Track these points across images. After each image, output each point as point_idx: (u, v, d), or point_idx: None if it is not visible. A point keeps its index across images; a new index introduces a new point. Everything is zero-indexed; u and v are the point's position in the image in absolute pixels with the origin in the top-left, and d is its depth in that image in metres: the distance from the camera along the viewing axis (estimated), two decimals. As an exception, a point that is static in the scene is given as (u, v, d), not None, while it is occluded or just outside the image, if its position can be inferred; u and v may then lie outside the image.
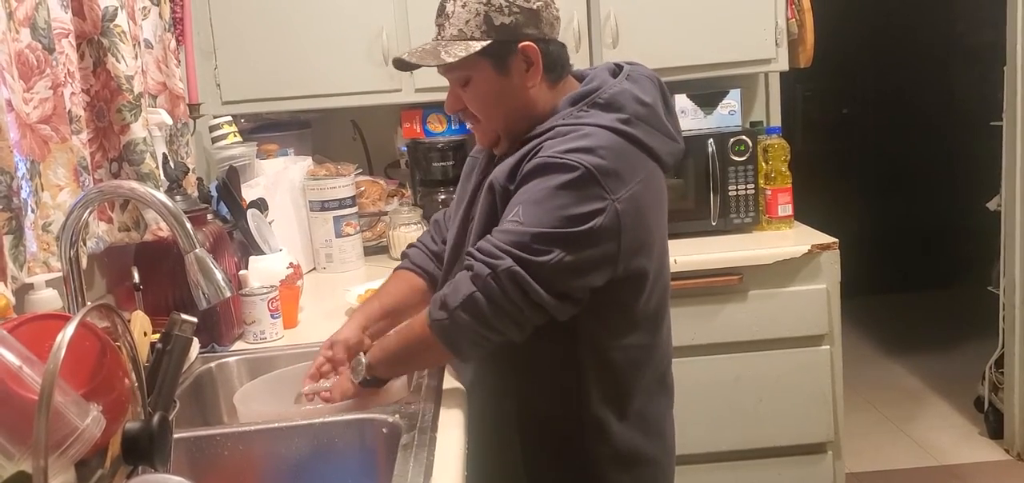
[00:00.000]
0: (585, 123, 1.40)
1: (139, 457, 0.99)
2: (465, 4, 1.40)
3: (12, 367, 0.86)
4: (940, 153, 4.99)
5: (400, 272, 1.73)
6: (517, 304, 1.32)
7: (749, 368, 2.49)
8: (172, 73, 2.08)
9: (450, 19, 1.41)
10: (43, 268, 1.53)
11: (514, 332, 1.35)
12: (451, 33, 1.41)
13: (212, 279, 1.33)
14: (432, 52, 1.42)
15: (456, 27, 1.41)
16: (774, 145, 2.68)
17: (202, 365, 1.78)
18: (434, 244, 1.73)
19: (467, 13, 1.40)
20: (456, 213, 1.59)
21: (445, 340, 1.37)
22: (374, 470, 1.42)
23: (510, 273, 1.31)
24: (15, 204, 1.41)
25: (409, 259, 1.73)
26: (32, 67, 1.51)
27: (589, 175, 1.32)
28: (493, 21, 1.39)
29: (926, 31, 4.99)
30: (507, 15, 1.39)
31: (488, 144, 1.53)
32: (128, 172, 1.81)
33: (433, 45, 1.43)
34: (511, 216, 1.35)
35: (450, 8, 1.42)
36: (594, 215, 1.32)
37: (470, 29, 1.40)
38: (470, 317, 1.33)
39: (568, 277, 1.34)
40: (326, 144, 3.00)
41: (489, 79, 1.43)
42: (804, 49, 2.78)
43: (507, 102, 1.45)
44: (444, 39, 1.42)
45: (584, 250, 1.33)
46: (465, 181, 1.62)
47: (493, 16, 1.39)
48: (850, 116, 5.25)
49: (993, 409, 3.45)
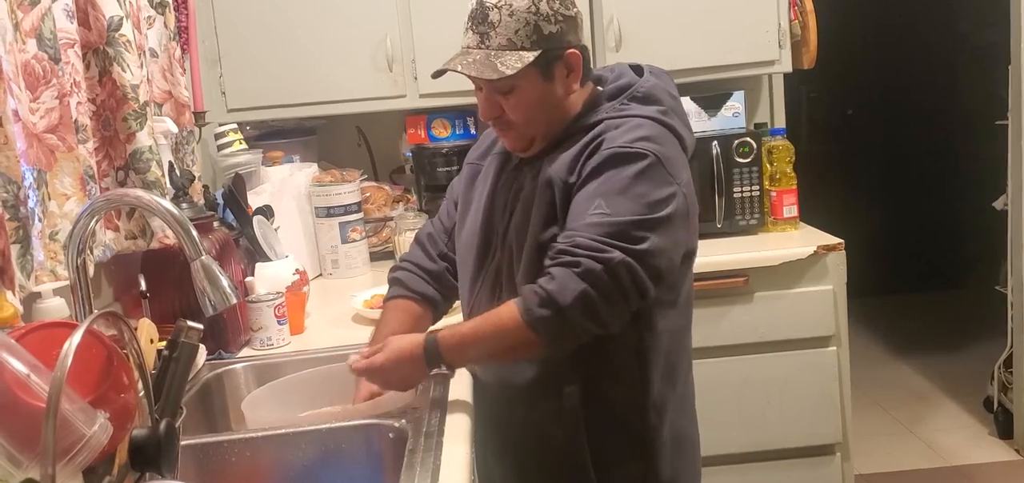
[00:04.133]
0: (632, 115, 1.44)
1: (146, 464, 1.00)
2: (512, 13, 1.39)
3: (20, 375, 0.86)
4: (945, 153, 4.98)
5: (398, 302, 1.66)
6: (627, 294, 1.34)
7: (756, 370, 2.48)
8: (177, 81, 2.08)
9: (496, 28, 1.39)
10: (50, 277, 1.53)
11: (618, 323, 1.37)
12: (499, 42, 1.39)
13: (218, 286, 1.33)
14: (486, 64, 1.39)
15: (504, 37, 1.39)
16: (779, 146, 2.68)
17: (209, 372, 1.78)
18: (429, 261, 1.69)
19: (516, 23, 1.39)
20: (471, 219, 1.58)
21: (549, 336, 1.34)
22: (381, 476, 1.42)
23: (624, 264, 1.32)
24: (22, 213, 1.41)
25: (404, 286, 1.67)
26: (38, 77, 1.52)
27: (658, 162, 1.38)
28: (542, 31, 1.40)
29: (930, 31, 4.98)
30: (554, 24, 1.40)
31: (521, 149, 1.51)
32: (134, 180, 1.81)
33: (483, 55, 1.40)
34: (593, 209, 1.36)
35: (495, 17, 1.39)
36: (670, 200, 1.38)
37: (520, 39, 1.39)
38: (582, 313, 1.32)
39: (662, 261, 1.38)
40: (331, 150, 3.01)
41: (535, 87, 1.43)
42: (807, 50, 2.78)
43: (549, 107, 1.46)
44: (491, 48, 1.40)
45: (669, 234, 1.38)
46: (476, 187, 1.61)
47: (542, 26, 1.40)
48: (855, 117, 5.24)
49: (1002, 409, 3.43)
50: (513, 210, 1.50)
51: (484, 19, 1.40)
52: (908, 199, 5.15)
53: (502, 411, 1.57)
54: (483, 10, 1.40)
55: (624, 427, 1.51)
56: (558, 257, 1.35)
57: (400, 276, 1.69)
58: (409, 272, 1.69)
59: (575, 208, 1.39)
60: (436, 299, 1.68)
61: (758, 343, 2.47)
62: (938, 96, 5.00)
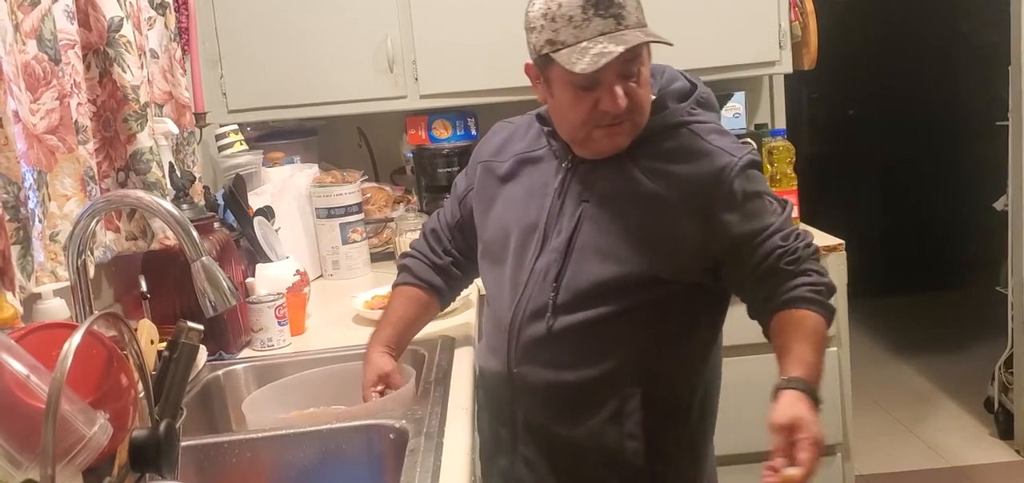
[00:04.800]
0: (705, 120, 1.48)
1: (146, 464, 1.00)
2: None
3: (19, 376, 0.86)
4: (946, 154, 4.98)
5: (406, 289, 1.69)
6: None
7: (757, 371, 2.45)
8: (178, 82, 2.09)
9: (626, 9, 1.35)
10: (51, 278, 1.53)
11: None
12: (636, 18, 1.36)
13: (219, 287, 1.33)
14: (651, 33, 1.37)
15: (634, 15, 1.37)
16: (779, 147, 2.67)
17: (209, 373, 1.78)
18: (436, 256, 1.70)
19: (633, 1, 1.37)
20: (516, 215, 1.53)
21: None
22: (381, 475, 1.42)
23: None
24: (22, 214, 1.41)
25: (412, 273, 1.69)
26: (39, 78, 1.52)
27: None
28: (643, 9, 1.40)
29: (931, 31, 4.98)
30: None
31: (626, 144, 1.45)
32: (135, 181, 1.82)
33: (654, 33, 1.37)
34: (767, 209, 1.43)
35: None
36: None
37: (640, 16, 1.39)
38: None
39: None
40: (332, 151, 3.01)
41: (648, 68, 1.44)
42: (808, 51, 2.78)
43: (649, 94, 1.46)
44: (634, 26, 1.36)
45: None
46: (505, 185, 1.58)
47: (641, 5, 1.40)
48: (856, 117, 5.23)
49: (1003, 410, 3.43)
50: (586, 207, 1.47)
51: (610, 3, 1.34)
52: (909, 200, 5.15)
53: (544, 416, 1.52)
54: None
55: (677, 428, 1.52)
56: (785, 255, 1.40)
57: (409, 264, 1.71)
58: (418, 260, 1.70)
59: (743, 215, 1.41)
60: (442, 289, 1.70)
61: (759, 343, 2.45)
62: (939, 97, 5.00)
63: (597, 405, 1.48)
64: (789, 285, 1.40)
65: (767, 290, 1.42)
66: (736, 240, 1.41)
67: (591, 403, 1.48)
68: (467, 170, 1.71)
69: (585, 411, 1.49)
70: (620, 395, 1.47)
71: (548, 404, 1.51)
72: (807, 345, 1.36)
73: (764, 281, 1.42)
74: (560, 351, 1.47)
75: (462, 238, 1.70)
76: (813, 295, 1.39)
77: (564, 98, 1.42)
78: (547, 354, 1.48)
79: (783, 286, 1.40)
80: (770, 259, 1.40)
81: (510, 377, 1.52)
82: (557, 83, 1.41)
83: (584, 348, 1.46)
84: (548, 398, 1.50)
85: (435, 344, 1.78)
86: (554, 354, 1.47)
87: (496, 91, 2.64)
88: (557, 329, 1.46)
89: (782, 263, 1.40)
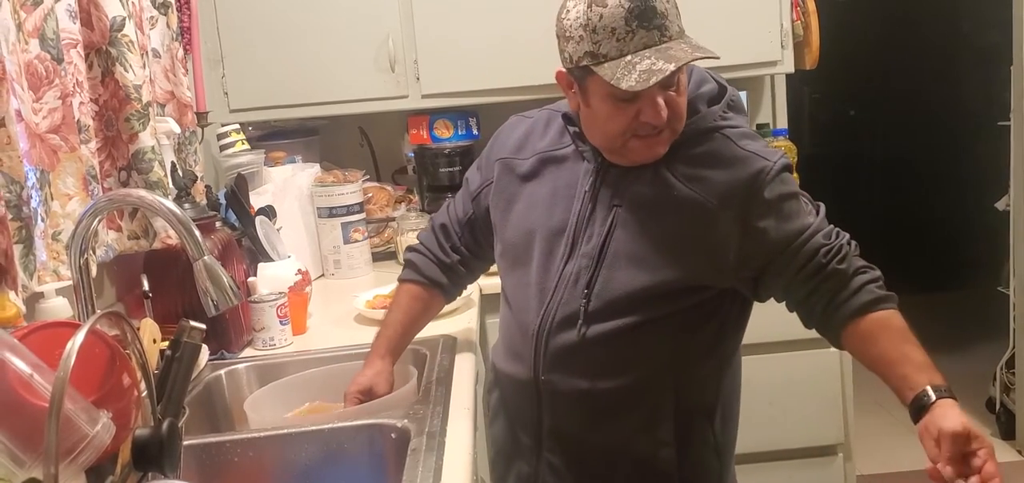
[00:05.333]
0: (737, 125, 1.46)
1: (149, 463, 1.00)
2: (669, 0, 1.33)
3: (23, 375, 0.86)
4: (948, 153, 4.98)
5: (411, 287, 1.68)
6: None
7: (759, 371, 2.47)
8: (180, 82, 2.09)
9: (668, 18, 1.32)
10: (53, 277, 1.54)
11: None
12: (678, 28, 1.33)
13: (221, 286, 1.33)
14: (698, 47, 1.33)
15: (676, 24, 1.33)
16: (781, 147, 2.67)
17: (211, 372, 1.79)
18: (443, 253, 1.67)
19: (674, 9, 1.34)
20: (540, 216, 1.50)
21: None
22: (383, 475, 1.42)
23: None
24: (25, 213, 1.41)
25: (419, 270, 1.68)
26: (41, 77, 1.52)
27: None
28: (680, 14, 1.37)
29: (932, 32, 4.98)
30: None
31: (663, 153, 1.41)
32: (137, 181, 1.82)
33: (686, 43, 1.33)
34: (806, 209, 1.41)
35: (661, 6, 1.31)
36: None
37: (680, 23, 1.35)
38: None
39: None
40: (333, 151, 3.01)
41: (686, 75, 1.41)
42: (810, 51, 2.78)
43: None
44: (677, 37, 1.33)
45: None
46: (527, 183, 1.53)
47: (679, 9, 1.37)
48: (857, 117, 5.24)
49: (1004, 410, 3.43)
50: (618, 212, 1.43)
51: (655, 13, 1.30)
52: (910, 200, 5.15)
53: (574, 424, 1.49)
54: (648, 4, 1.30)
55: (705, 431, 1.50)
56: (832, 254, 1.38)
57: (415, 259, 1.70)
58: (424, 256, 1.69)
59: (781, 218, 1.39)
60: (447, 286, 1.69)
61: (760, 344, 2.46)
62: (940, 97, 5.00)
63: (629, 412, 1.46)
64: (853, 287, 1.36)
65: (827, 294, 1.38)
66: (777, 244, 1.38)
67: (623, 410, 1.46)
68: (482, 166, 1.64)
69: (616, 418, 1.47)
70: (652, 401, 1.46)
71: (578, 411, 1.47)
72: (918, 350, 1.33)
73: (817, 283, 1.38)
74: (592, 359, 1.43)
75: (472, 235, 1.66)
76: (883, 292, 1.37)
77: (602, 109, 1.37)
78: (578, 362, 1.44)
79: (846, 289, 1.37)
80: (817, 258, 1.37)
81: (536, 384, 1.48)
82: (595, 95, 1.36)
83: (617, 356, 1.43)
84: (579, 406, 1.47)
85: (437, 344, 1.78)
86: (586, 362, 1.44)
87: (498, 91, 2.64)
88: (589, 337, 1.42)
89: (834, 263, 1.37)
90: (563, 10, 1.36)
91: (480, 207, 1.62)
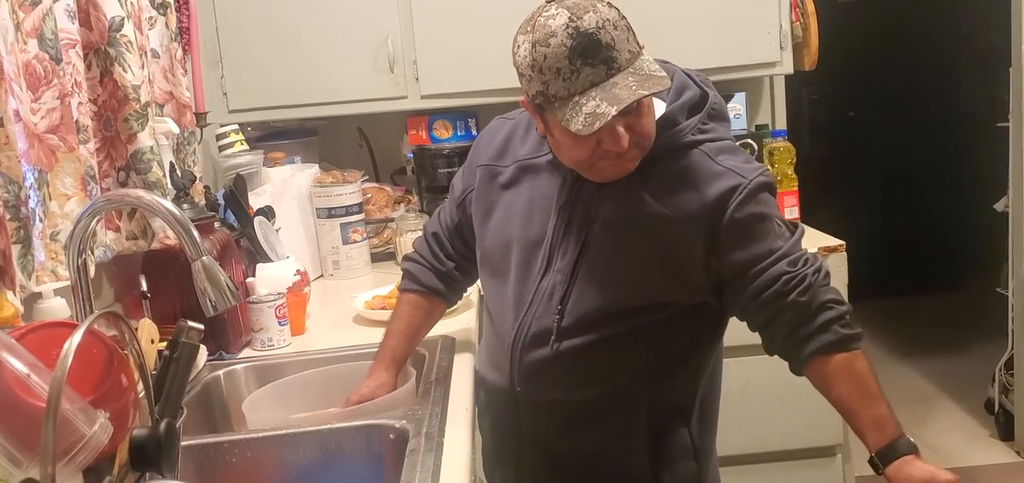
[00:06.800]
0: (719, 137, 1.42)
1: (147, 464, 1.00)
2: (615, 26, 1.27)
3: (20, 374, 0.86)
4: (946, 155, 4.98)
5: (411, 297, 1.68)
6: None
7: (757, 372, 2.48)
8: (178, 82, 2.09)
9: (616, 47, 1.26)
10: (51, 277, 1.53)
11: None
12: (626, 58, 1.27)
13: (219, 287, 1.33)
14: (648, 78, 1.28)
15: (625, 50, 1.27)
16: (780, 148, 2.68)
17: (210, 372, 1.78)
18: (438, 261, 1.68)
19: (622, 32, 1.28)
20: (516, 228, 1.49)
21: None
22: (382, 476, 1.42)
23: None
24: (23, 213, 1.41)
25: (417, 280, 1.68)
26: (39, 77, 1.52)
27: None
28: (636, 37, 1.32)
29: (932, 33, 4.98)
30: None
31: (633, 169, 1.38)
32: (135, 181, 1.81)
33: (649, 72, 1.28)
34: (776, 232, 1.37)
35: (607, 37, 1.26)
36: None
37: (633, 45, 1.29)
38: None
39: None
40: (332, 151, 3.01)
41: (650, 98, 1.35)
42: (809, 52, 2.78)
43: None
44: (625, 69, 1.27)
45: None
46: (505, 192, 1.53)
47: (634, 31, 1.32)
48: (856, 119, 5.23)
49: (1003, 411, 3.43)
50: (592, 229, 1.42)
51: (598, 47, 1.25)
52: (909, 201, 5.15)
53: (549, 432, 1.50)
54: (592, 39, 1.25)
55: (680, 435, 1.50)
56: (793, 282, 1.34)
57: (412, 269, 1.70)
58: (420, 265, 1.69)
59: (748, 238, 1.35)
60: (446, 293, 1.70)
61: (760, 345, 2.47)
62: (939, 98, 5.00)
63: (602, 420, 1.47)
64: (817, 324, 1.34)
65: (786, 326, 1.36)
66: (737, 265, 1.36)
67: (596, 419, 1.47)
68: (464, 171, 1.65)
69: (590, 427, 1.48)
70: (625, 410, 1.46)
71: (554, 420, 1.49)
72: (874, 401, 1.33)
73: (775, 312, 1.36)
74: (565, 372, 1.44)
75: (462, 241, 1.67)
76: (847, 331, 1.34)
77: (565, 140, 1.35)
78: (552, 375, 1.45)
79: (808, 325, 1.34)
80: (776, 286, 1.34)
81: (513, 393, 1.49)
82: (556, 128, 1.34)
83: (589, 368, 1.44)
84: (554, 415, 1.49)
85: (436, 345, 1.78)
86: (560, 375, 1.45)
87: (497, 91, 2.64)
88: (562, 351, 1.43)
89: (794, 293, 1.33)
90: (514, 45, 1.35)
91: (466, 213, 1.63)
